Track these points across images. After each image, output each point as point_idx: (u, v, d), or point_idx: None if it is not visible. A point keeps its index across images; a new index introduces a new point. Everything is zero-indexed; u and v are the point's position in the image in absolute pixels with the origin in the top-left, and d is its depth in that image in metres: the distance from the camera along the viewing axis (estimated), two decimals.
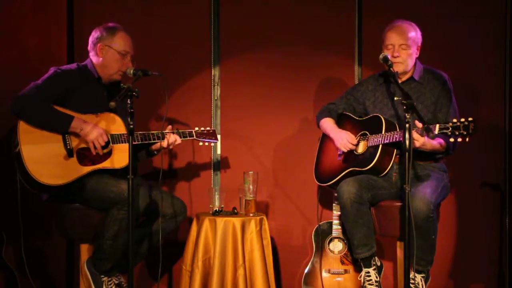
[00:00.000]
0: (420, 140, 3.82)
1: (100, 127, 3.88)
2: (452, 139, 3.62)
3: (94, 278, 3.92)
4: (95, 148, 3.86)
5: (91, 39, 4.06)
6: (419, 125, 3.74)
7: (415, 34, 4.09)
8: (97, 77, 4.05)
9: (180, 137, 4.12)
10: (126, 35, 4.04)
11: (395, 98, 4.13)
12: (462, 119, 3.59)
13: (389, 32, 4.10)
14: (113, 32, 4.02)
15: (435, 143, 3.94)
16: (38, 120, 3.82)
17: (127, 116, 3.62)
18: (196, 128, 4.21)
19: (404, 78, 4.16)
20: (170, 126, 4.14)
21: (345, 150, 4.16)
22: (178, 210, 4.09)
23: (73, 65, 4.07)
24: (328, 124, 4.31)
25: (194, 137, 4.18)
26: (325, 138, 4.37)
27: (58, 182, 3.81)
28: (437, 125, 3.64)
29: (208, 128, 4.23)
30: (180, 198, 4.17)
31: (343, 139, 4.15)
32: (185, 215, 4.15)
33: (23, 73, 4.42)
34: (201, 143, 4.23)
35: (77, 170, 3.85)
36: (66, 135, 3.86)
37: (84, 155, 3.89)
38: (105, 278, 3.93)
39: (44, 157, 3.80)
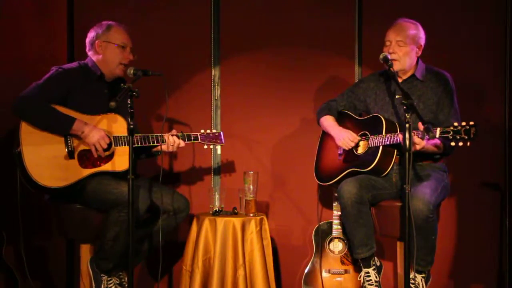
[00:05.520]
0: (421, 144, 3.82)
1: (102, 130, 3.88)
2: (453, 143, 3.62)
3: (95, 276, 3.93)
4: (96, 151, 3.87)
5: (88, 40, 4.09)
6: (421, 127, 3.73)
7: (415, 32, 4.08)
8: (99, 74, 4.05)
9: (185, 140, 4.11)
10: (121, 28, 4.08)
11: (397, 96, 4.13)
12: (463, 123, 3.59)
13: (389, 29, 4.11)
14: (108, 28, 4.06)
15: (432, 146, 3.94)
16: (39, 121, 3.82)
17: (128, 116, 3.62)
18: (202, 131, 4.18)
19: (405, 76, 4.15)
20: (174, 130, 4.12)
21: (347, 149, 4.15)
22: (180, 206, 4.08)
23: (75, 64, 4.08)
24: (328, 122, 4.30)
25: (199, 141, 4.16)
26: (325, 136, 4.36)
27: (58, 185, 3.81)
28: (438, 129, 3.64)
29: (214, 131, 4.20)
30: (183, 195, 4.16)
31: (345, 138, 4.15)
32: (187, 212, 4.14)
33: (23, 73, 4.42)
34: (205, 146, 4.22)
35: (78, 172, 3.85)
36: (68, 137, 3.86)
37: (86, 157, 3.88)
38: (105, 277, 3.94)
39: (45, 159, 3.80)
